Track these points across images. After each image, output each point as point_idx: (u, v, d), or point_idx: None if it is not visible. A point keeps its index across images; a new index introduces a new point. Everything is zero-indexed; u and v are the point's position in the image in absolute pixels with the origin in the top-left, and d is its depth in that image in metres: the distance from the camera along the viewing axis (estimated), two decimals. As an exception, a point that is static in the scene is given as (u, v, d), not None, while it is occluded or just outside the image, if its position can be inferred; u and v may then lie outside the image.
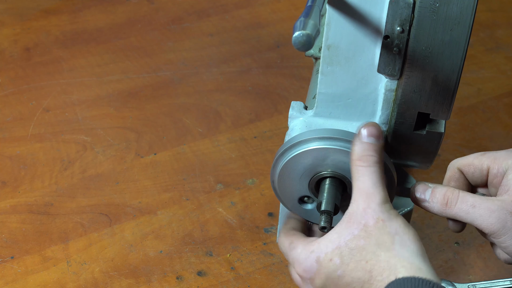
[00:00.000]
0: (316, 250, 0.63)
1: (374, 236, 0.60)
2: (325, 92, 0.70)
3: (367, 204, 0.61)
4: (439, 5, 0.60)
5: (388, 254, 0.59)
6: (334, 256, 0.61)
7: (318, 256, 0.62)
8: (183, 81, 1.13)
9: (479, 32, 1.26)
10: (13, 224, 0.89)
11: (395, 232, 0.60)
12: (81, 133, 1.02)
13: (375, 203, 0.61)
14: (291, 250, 0.65)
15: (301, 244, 0.65)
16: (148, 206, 0.91)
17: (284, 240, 0.68)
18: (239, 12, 1.31)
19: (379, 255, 0.60)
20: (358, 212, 0.62)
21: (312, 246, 0.63)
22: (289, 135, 0.72)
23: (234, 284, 0.82)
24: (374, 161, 0.63)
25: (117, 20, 1.28)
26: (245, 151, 1.00)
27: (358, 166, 0.63)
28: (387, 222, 0.61)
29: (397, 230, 0.60)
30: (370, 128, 0.64)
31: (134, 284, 0.81)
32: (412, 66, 0.63)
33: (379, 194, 0.62)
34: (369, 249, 0.60)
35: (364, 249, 0.60)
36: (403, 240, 0.60)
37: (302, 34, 0.53)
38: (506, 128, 1.05)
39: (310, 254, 0.63)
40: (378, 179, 0.62)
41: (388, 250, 0.59)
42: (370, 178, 0.62)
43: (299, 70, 1.17)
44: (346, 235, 0.61)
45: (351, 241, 0.61)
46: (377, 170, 0.63)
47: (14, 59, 1.17)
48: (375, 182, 0.62)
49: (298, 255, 0.64)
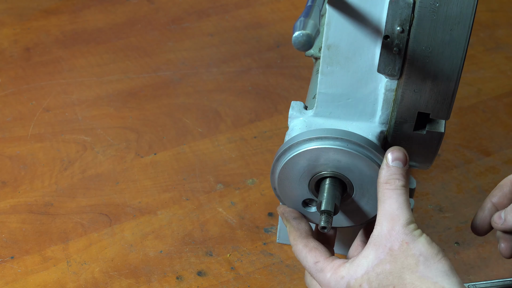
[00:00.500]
0: (346, 276, 0.64)
1: (400, 260, 0.61)
2: (325, 92, 0.70)
3: (392, 227, 0.62)
4: (439, 5, 0.60)
5: (412, 276, 0.60)
6: (363, 282, 0.62)
7: (349, 282, 0.63)
8: (183, 81, 1.13)
9: (479, 32, 1.26)
10: (13, 224, 0.89)
11: (419, 253, 0.61)
12: (81, 133, 1.02)
13: (399, 225, 0.62)
14: (319, 273, 0.66)
15: (329, 267, 0.66)
16: (148, 206, 0.91)
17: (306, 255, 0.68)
18: (239, 12, 1.31)
19: (404, 279, 0.60)
20: (383, 235, 0.63)
21: (341, 272, 0.64)
22: (289, 135, 0.72)
23: (234, 284, 0.82)
24: (400, 185, 0.64)
25: (117, 20, 1.28)
26: (245, 151, 1.00)
27: (384, 189, 0.64)
28: (411, 244, 0.61)
29: (421, 251, 0.61)
30: (396, 152, 0.66)
31: (134, 284, 0.82)
32: (412, 66, 0.63)
33: (404, 216, 0.63)
34: (395, 274, 0.61)
35: (391, 274, 0.61)
36: (427, 260, 0.61)
37: (302, 34, 0.53)
38: (506, 128, 1.05)
39: (341, 280, 0.64)
40: (404, 201, 0.64)
41: (412, 272, 0.60)
42: (396, 200, 0.63)
43: (299, 70, 1.17)
44: (373, 260, 0.62)
45: (377, 266, 0.62)
46: (403, 193, 0.64)
47: (14, 59, 1.17)
48: (401, 204, 0.63)
49: (328, 281, 0.65)
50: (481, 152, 1.01)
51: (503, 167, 0.98)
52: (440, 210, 0.91)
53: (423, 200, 0.93)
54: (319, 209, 0.68)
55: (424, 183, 0.95)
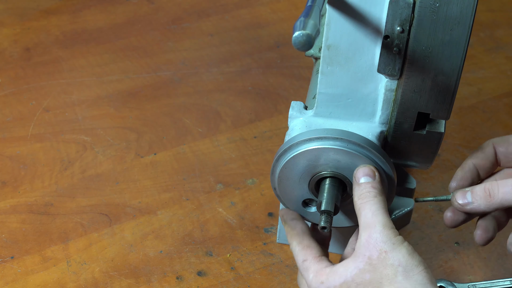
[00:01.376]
0: (325, 282, 0.63)
1: (378, 270, 0.61)
2: (325, 92, 0.70)
3: (369, 235, 0.62)
4: (439, 5, 0.60)
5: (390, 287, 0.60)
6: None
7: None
8: (183, 81, 1.13)
9: (479, 32, 1.26)
10: (13, 224, 0.89)
11: (398, 264, 0.60)
12: (81, 133, 1.02)
13: (376, 232, 0.62)
14: (305, 271, 0.66)
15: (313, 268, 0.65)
16: (148, 206, 0.91)
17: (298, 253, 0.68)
18: (239, 12, 1.31)
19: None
20: (362, 244, 0.62)
21: (321, 276, 0.64)
22: (289, 135, 0.72)
23: (234, 284, 0.82)
24: (372, 195, 0.64)
25: (117, 20, 1.28)
26: (245, 151, 1.00)
27: (358, 204, 0.65)
28: (389, 253, 0.61)
29: (400, 261, 0.60)
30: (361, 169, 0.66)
31: (134, 284, 0.82)
32: (412, 66, 0.63)
33: (379, 221, 0.62)
34: (374, 283, 0.61)
35: (370, 283, 0.61)
36: (406, 271, 0.60)
37: (302, 34, 0.53)
38: (506, 128, 1.05)
39: (320, 284, 0.64)
40: (378, 208, 0.63)
41: (391, 283, 0.60)
42: (370, 209, 0.63)
43: (299, 70, 1.17)
44: (352, 269, 0.62)
45: (357, 276, 0.62)
46: (376, 202, 0.64)
47: (14, 59, 1.17)
48: (374, 212, 0.63)
49: (310, 282, 0.65)
50: (481, 152, 1.01)
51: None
52: (440, 210, 0.91)
53: (423, 200, 0.92)
54: (319, 209, 0.68)
55: (424, 183, 0.95)
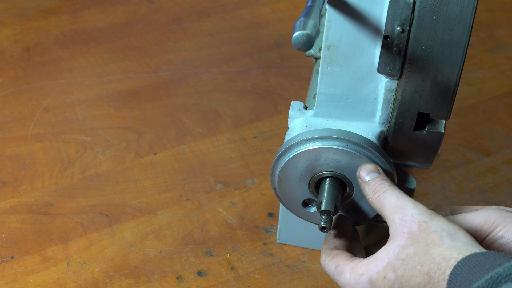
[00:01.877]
0: (366, 272, 0.62)
1: (422, 239, 0.59)
2: (325, 92, 0.70)
3: (402, 214, 0.61)
4: (439, 5, 0.60)
5: (440, 249, 0.58)
6: (387, 273, 0.60)
7: (370, 277, 0.61)
8: (183, 81, 1.13)
9: (479, 32, 1.26)
10: (13, 224, 0.89)
11: (441, 229, 0.59)
12: (81, 133, 1.02)
13: (409, 208, 0.61)
14: (339, 276, 0.65)
15: (348, 267, 0.64)
16: (148, 206, 0.91)
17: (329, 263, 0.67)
18: (239, 12, 1.31)
19: (432, 253, 0.58)
20: (398, 226, 0.61)
21: (359, 269, 0.62)
22: (289, 135, 0.72)
23: (234, 284, 0.82)
24: (387, 185, 0.64)
25: (117, 20, 1.28)
26: (245, 151, 1.00)
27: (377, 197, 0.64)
28: (429, 222, 0.60)
29: (442, 227, 0.59)
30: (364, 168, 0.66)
31: (134, 284, 0.82)
32: (412, 66, 0.63)
33: (408, 201, 0.61)
34: (421, 252, 0.59)
35: (416, 254, 0.59)
36: (451, 234, 0.59)
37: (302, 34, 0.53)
38: (506, 128, 1.05)
39: (360, 277, 0.62)
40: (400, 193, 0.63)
41: (439, 245, 0.58)
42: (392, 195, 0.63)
43: (299, 70, 1.17)
44: (393, 249, 0.60)
45: (400, 253, 0.60)
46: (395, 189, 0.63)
47: (14, 59, 1.17)
48: (398, 196, 0.62)
49: (348, 280, 0.63)
50: (481, 152, 1.01)
51: (503, 167, 0.98)
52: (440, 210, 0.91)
53: (423, 200, 0.92)
54: (319, 209, 0.68)
55: (424, 183, 0.95)
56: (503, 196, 0.93)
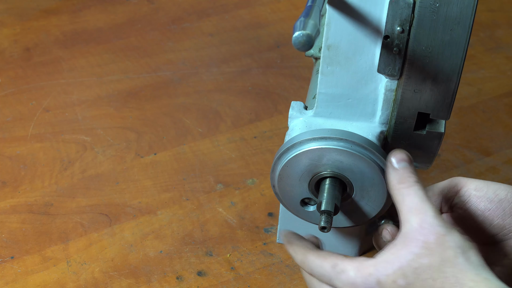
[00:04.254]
0: (375, 273, 0.60)
1: (437, 253, 0.58)
2: (325, 92, 0.70)
3: (422, 219, 0.59)
4: (439, 5, 0.60)
5: (454, 270, 0.57)
6: (397, 278, 0.59)
7: (379, 279, 0.60)
8: (183, 81, 1.13)
9: (479, 32, 1.26)
10: (13, 224, 0.89)
11: (456, 246, 0.58)
12: (81, 133, 1.02)
13: (430, 217, 0.59)
14: (340, 274, 0.62)
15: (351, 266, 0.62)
16: (148, 206, 0.91)
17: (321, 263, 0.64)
18: (239, 12, 1.31)
19: (445, 272, 0.57)
20: (414, 229, 0.59)
21: (367, 269, 0.61)
22: (289, 135, 0.72)
23: (234, 284, 0.82)
24: (414, 181, 0.62)
25: (117, 20, 1.28)
26: (245, 151, 1.00)
27: (400, 190, 0.62)
28: (447, 236, 0.58)
29: (458, 243, 0.58)
30: (399, 154, 0.64)
31: (134, 284, 0.82)
32: (412, 66, 0.63)
33: (431, 208, 0.60)
34: (434, 267, 0.58)
35: (429, 268, 0.58)
36: (464, 253, 0.58)
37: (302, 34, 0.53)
38: (506, 128, 1.05)
39: (369, 277, 0.60)
40: (424, 195, 0.61)
41: (453, 265, 0.57)
42: (417, 195, 0.61)
43: (299, 70, 1.17)
44: (406, 255, 0.59)
45: (413, 261, 0.58)
46: (421, 188, 0.62)
47: (14, 59, 1.17)
48: (423, 198, 0.61)
49: (353, 279, 0.61)
50: (481, 152, 1.01)
51: (503, 167, 0.98)
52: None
53: (423, 200, 0.92)
54: (319, 209, 0.68)
55: (424, 183, 0.95)
56: (503, 196, 0.93)
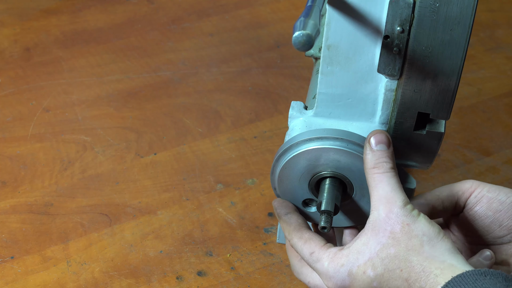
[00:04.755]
0: (346, 263, 0.62)
1: (403, 242, 0.60)
2: (325, 92, 0.70)
3: (389, 210, 0.61)
4: (439, 5, 0.60)
5: (419, 258, 0.59)
6: (367, 268, 0.61)
7: (350, 270, 0.62)
8: (183, 81, 1.13)
9: (479, 32, 1.26)
10: (13, 224, 0.89)
11: (422, 234, 0.60)
12: (81, 133, 1.02)
13: (397, 207, 0.61)
14: (315, 263, 0.64)
15: (325, 256, 0.64)
16: (148, 206, 0.91)
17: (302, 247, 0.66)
18: (239, 12, 1.31)
19: (411, 261, 0.59)
20: (381, 219, 0.61)
21: (339, 259, 0.62)
22: (289, 135, 0.72)
23: (234, 284, 0.82)
24: (389, 167, 0.63)
25: (117, 20, 1.28)
26: (245, 151, 1.00)
27: (374, 174, 0.63)
28: (412, 225, 0.60)
29: (424, 231, 0.60)
30: (378, 135, 0.64)
31: (134, 284, 0.82)
32: (412, 66, 0.63)
33: (400, 197, 0.61)
34: (401, 257, 0.60)
35: (396, 257, 0.60)
36: (430, 240, 0.60)
37: (302, 34, 0.53)
38: (506, 128, 1.05)
39: (340, 268, 0.62)
40: (396, 183, 0.62)
41: (418, 253, 0.59)
42: (388, 183, 0.62)
43: (299, 70, 1.17)
44: (374, 245, 0.61)
45: (381, 251, 0.60)
46: (394, 175, 0.63)
47: (14, 59, 1.17)
48: (394, 187, 0.62)
49: (326, 269, 0.63)
50: (481, 152, 1.01)
51: (503, 167, 0.98)
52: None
53: (423, 200, 0.92)
54: (319, 209, 0.68)
55: (424, 183, 0.95)
56: (503, 196, 0.93)
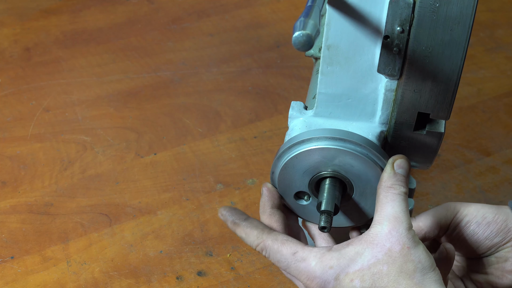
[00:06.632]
0: (336, 267, 0.62)
1: (398, 263, 0.61)
2: (325, 92, 0.70)
3: (394, 228, 0.62)
4: (439, 5, 0.60)
5: (409, 283, 0.60)
6: (355, 278, 0.61)
7: (338, 274, 0.62)
8: (183, 81, 1.13)
9: (479, 32, 1.26)
10: (13, 224, 0.89)
11: (418, 260, 0.61)
12: (81, 133, 1.02)
13: (403, 228, 0.62)
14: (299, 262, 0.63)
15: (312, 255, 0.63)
16: (148, 206, 0.91)
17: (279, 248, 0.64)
18: (239, 12, 1.31)
19: (400, 283, 0.60)
20: (383, 234, 0.62)
21: (329, 261, 0.62)
22: (289, 135, 0.72)
23: (234, 284, 0.82)
24: (403, 191, 0.64)
25: (117, 20, 1.28)
26: (245, 151, 1.00)
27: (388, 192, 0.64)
28: (412, 250, 0.61)
29: (420, 259, 0.61)
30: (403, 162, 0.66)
31: (134, 284, 0.81)
32: (412, 66, 0.63)
33: (407, 220, 0.62)
34: (391, 276, 0.60)
35: (387, 276, 0.60)
36: (423, 269, 0.61)
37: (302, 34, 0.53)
38: (506, 128, 1.05)
39: (329, 269, 0.62)
40: (406, 207, 0.64)
41: (409, 278, 0.60)
42: (400, 204, 0.63)
43: (299, 70, 1.17)
44: (369, 258, 0.61)
45: (374, 266, 0.61)
46: (405, 199, 0.64)
47: (14, 59, 1.17)
48: (404, 209, 0.63)
49: (313, 269, 0.62)
50: (481, 152, 1.01)
51: (503, 167, 0.98)
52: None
53: (423, 200, 0.92)
54: (319, 209, 0.68)
55: (424, 183, 0.95)
56: (503, 196, 0.93)
